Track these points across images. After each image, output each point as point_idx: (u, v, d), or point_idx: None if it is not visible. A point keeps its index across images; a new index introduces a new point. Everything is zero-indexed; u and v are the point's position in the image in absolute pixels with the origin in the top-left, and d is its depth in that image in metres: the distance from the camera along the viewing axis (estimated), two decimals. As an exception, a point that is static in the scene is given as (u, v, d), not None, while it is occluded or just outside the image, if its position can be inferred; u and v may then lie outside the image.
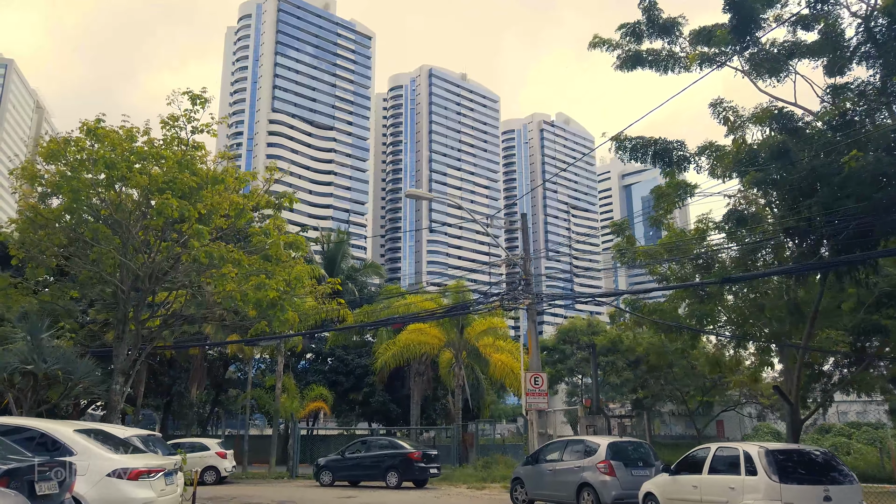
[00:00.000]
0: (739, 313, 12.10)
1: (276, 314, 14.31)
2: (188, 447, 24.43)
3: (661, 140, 12.31)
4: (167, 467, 8.57)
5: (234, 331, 28.49)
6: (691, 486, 10.37)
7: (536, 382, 18.86)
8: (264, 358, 44.59)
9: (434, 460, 21.52)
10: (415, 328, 29.36)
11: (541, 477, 14.62)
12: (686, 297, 14.63)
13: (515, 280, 19.29)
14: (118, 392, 15.25)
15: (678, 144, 12.48)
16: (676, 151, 12.33)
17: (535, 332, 19.24)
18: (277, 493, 19.30)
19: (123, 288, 15.42)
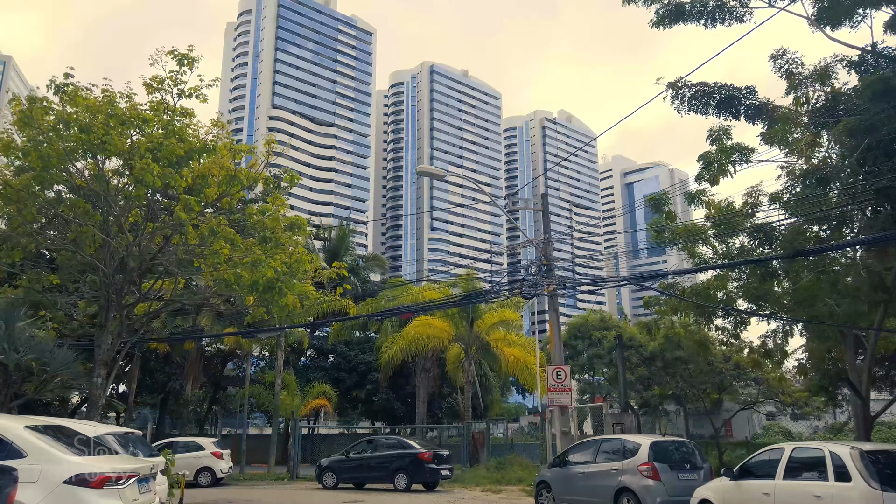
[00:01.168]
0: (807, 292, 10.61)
1: (275, 298, 12.79)
2: (181, 447, 22.91)
3: (726, 86, 10.79)
4: (141, 472, 7.03)
5: (230, 323, 26.98)
6: (761, 494, 8.82)
7: (559, 377, 17.32)
8: (264, 355, 43.11)
9: (446, 461, 19.99)
10: (422, 321, 27.84)
11: (570, 481, 13.09)
12: (737, 278, 13.09)
13: (534, 266, 17.75)
14: (100, 386, 13.71)
15: (748, 91, 10.94)
16: (746, 100, 10.80)
17: (558, 322, 17.70)
18: (277, 498, 17.76)
19: (106, 271, 13.88)
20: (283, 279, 12.68)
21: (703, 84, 10.93)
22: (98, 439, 8.28)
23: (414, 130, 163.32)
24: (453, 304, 18.70)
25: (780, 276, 11.82)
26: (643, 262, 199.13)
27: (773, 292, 11.80)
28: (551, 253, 17.75)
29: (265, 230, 13.97)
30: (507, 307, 27.29)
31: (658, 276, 13.42)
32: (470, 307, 27.21)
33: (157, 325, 25.68)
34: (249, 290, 13.04)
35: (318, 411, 37.37)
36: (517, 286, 17.03)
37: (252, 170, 14.56)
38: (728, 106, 10.86)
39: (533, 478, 21.05)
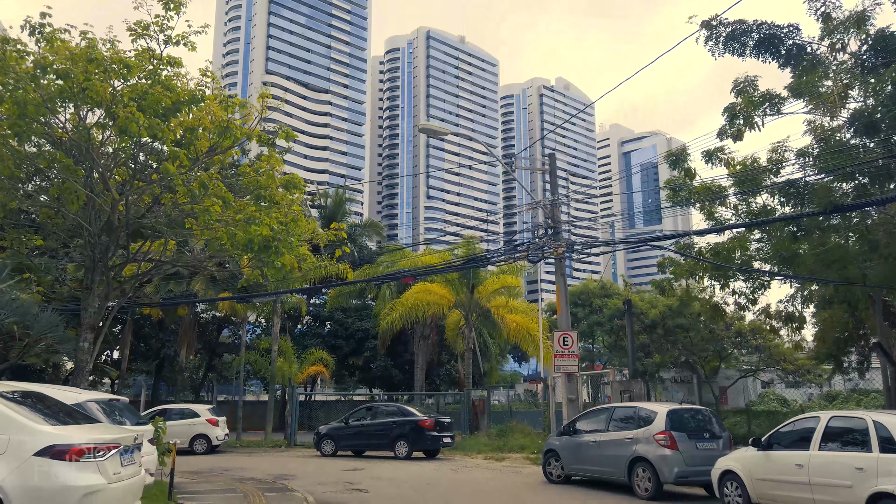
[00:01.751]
0: (839, 253, 9.94)
1: (271, 258, 12.03)
2: (176, 414, 22.39)
3: (766, 24, 9.91)
4: (124, 442, 6.35)
5: (225, 289, 26.28)
6: (794, 466, 8.23)
7: (566, 343, 16.73)
8: (260, 322, 42.55)
9: (447, 429, 19.50)
10: (421, 288, 27.20)
11: (580, 450, 12.54)
12: (761, 239, 12.40)
13: (540, 228, 17.02)
14: (87, 351, 13.01)
15: (791, 29, 10.08)
16: (788, 39, 9.96)
17: (565, 287, 17.03)
18: (275, 465, 17.26)
19: (91, 230, 13.07)
20: (279, 238, 11.91)
21: (740, 22, 10.05)
22: (79, 407, 7.61)
23: (410, 97, 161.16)
24: (456, 267, 17.98)
25: (813, 234, 11.10)
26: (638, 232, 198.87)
27: (803, 253, 11.10)
28: (559, 215, 17.01)
29: (259, 188, 13.15)
30: (507, 273, 26.64)
31: (678, 236, 12.69)
32: (470, 273, 26.56)
33: (150, 291, 24.96)
34: (244, 250, 12.27)
35: (316, 378, 36.96)
36: (523, 249, 16.31)
37: (246, 126, 13.68)
38: (768, 46, 10.02)
39: (535, 446, 20.64)
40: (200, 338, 40.33)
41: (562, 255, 15.13)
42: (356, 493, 11.97)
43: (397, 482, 13.75)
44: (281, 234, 12.02)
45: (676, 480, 10.75)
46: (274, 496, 10.90)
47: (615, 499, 11.23)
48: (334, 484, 13.34)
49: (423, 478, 14.54)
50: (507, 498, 11.69)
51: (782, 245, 11.53)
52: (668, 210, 13.33)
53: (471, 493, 12.09)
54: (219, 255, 15.97)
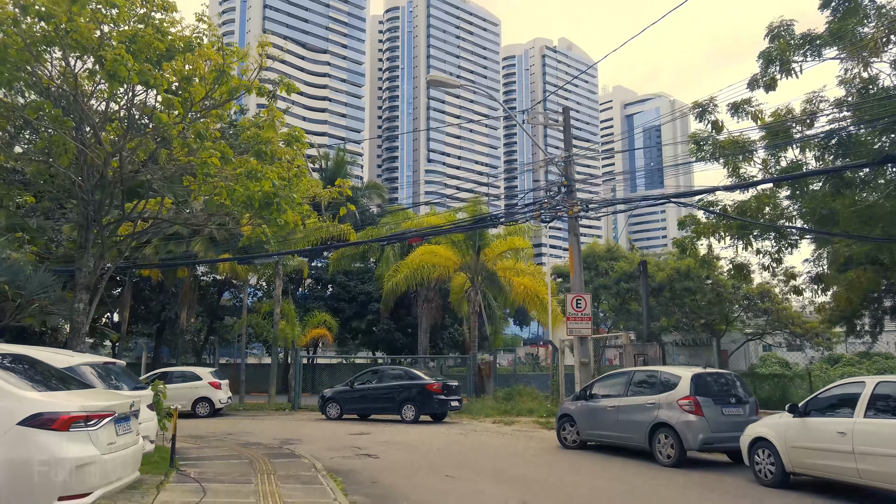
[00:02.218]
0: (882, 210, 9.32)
1: (273, 215, 11.37)
2: (178, 377, 22.01)
3: None
4: (119, 409, 5.79)
5: (225, 250, 25.69)
6: (836, 433, 7.73)
7: (579, 305, 16.19)
8: (261, 285, 42.11)
9: (455, 392, 19.12)
10: (426, 250, 26.60)
11: (598, 415, 12.08)
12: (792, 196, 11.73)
13: (553, 187, 16.32)
14: (82, 312, 12.44)
15: None
16: None
17: (578, 248, 16.42)
18: (280, 429, 16.89)
19: (83, 185, 12.38)
20: (281, 194, 11.23)
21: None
22: (71, 371, 7.05)
23: (410, 58, 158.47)
24: (464, 227, 17.30)
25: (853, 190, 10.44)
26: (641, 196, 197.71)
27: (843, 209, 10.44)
28: (573, 173, 16.30)
29: (259, 143, 12.41)
30: (515, 235, 26.01)
31: (704, 192, 12.01)
32: (476, 235, 25.93)
33: (149, 251, 24.36)
34: (244, 208, 11.60)
35: (318, 342, 36.67)
36: (535, 208, 15.64)
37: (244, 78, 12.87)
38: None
39: (544, 409, 20.30)
40: (201, 300, 39.90)
41: (577, 213, 14.46)
42: (365, 459, 11.55)
43: (406, 447, 13.35)
44: (283, 191, 11.34)
45: (701, 447, 10.30)
46: (280, 462, 10.45)
47: (635, 465, 10.80)
48: (342, 449, 12.93)
49: (432, 443, 14.15)
50: (521, 464, 11.27)
51: (821, 201, 10.85)
52: (682, 168, 12.67)
53: (484, 459, 11.67)
54: (218, 214, 15.33)
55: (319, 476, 9.30)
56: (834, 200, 10.55)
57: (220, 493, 7.84)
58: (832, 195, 10.56)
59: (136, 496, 7.26)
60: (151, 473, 8.70)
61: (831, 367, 34.10)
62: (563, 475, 10.13)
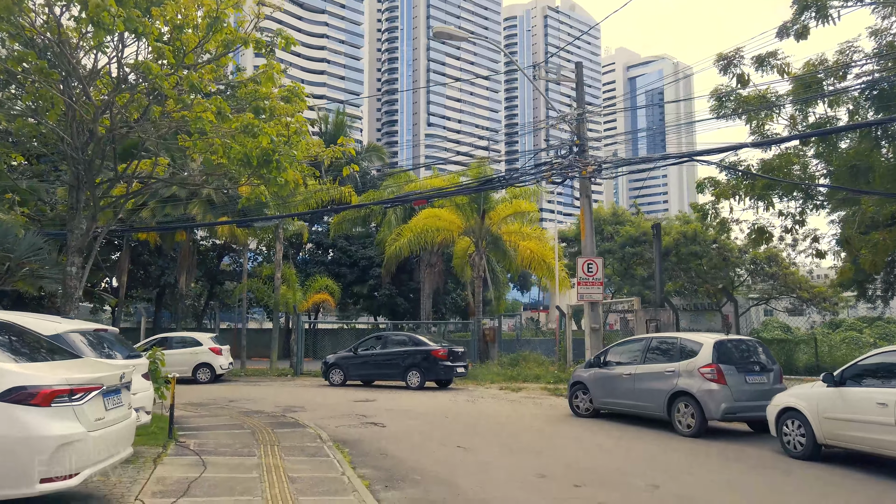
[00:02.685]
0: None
1: (273, 174, 10.75)
2: (178, 342, 21.63)
3: None
4: (108, 381, 5.28)
5: (223, 213, 25.07)
6: (875, 405, 7.26)
7: (590, 269, 15.68)
8: (261, 249, 41.58)
9: (460, 358, 18.73)
10: (429, 214, 25.99)
11: (613, 383, 11.65)
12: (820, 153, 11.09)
13: (563, 146, 15.64)
14: (75, 276, 11.90)
15: None
16: None
17: (590, 210, 15.82)
18: (282, 396, 16.53)
19: (72, 143, 11.72)
20: (280, 150, 10.59)
21: None
22: (57, 339, 6.52)
23: (409, 18, 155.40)
24: (471, 189, 16.65)
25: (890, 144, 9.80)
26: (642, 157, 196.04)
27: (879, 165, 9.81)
28: (585, 132, 15.61)
29: (257, 100, 11.70)
30: (520, 198, 25.37)
31: (729, 148, 11.36)
32: (481, 199, 25.31)
33: (146, 214, 23.74)
34: (242, 166, 10.96)
35: (319, 307, 36.31)
36: (546, 169, 14.97)
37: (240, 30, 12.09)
38: None
39: (550, 375, 19.96)
40: (201, 265, 39.41)
41: (592, 173, 13.82)
42: (372, 428, 11.15)
43: (413, 414, 12.97)
44: (281, 147, 10.68)
45: (723, 417, 9.87)
46: (284, 432, 10.04)
47: (653, 435, 10.40)
48: (346, 417, 12.55)
49: (439, 410, 13.77)
50: (533, 432, 10.88)
51: (854, 157, 10.20)
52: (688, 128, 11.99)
53: (494, 427, 11.28)
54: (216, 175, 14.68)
55: (325, 447, 8.89)
56: (870, 155, 9.90)
57: (221, 466, 7.41)
58: (869, 150, 9.92)
59: (130, 471, 6.82)
60: (149, 445, 8.28)
61: (832, 332, 33.89)
62: (579, 445, 9.73)
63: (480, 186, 15.05)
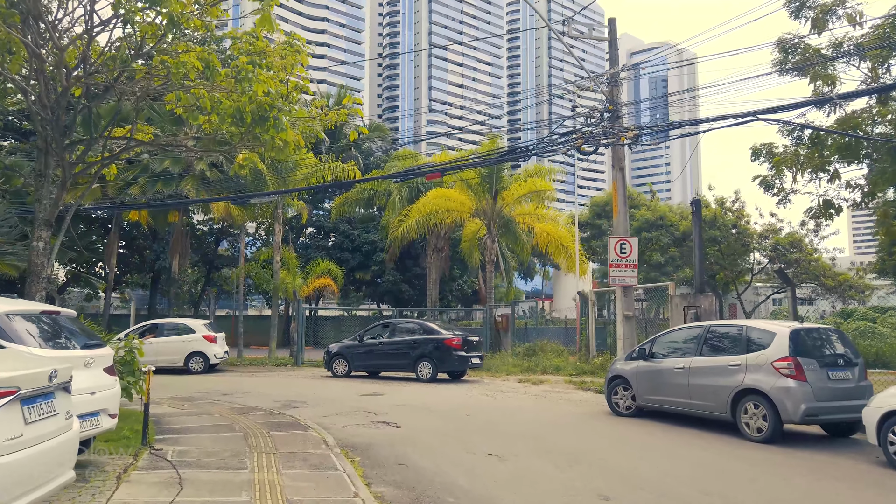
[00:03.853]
0: None
1: (270, 132, 9.15)
2: (169, 329, 20.12)
3: None
4: (27, 383, 3.72)
5: (219, 192, 23.48)
6: None
7: (623, 250, 14.12)
8: (259, 234, 40.02)
9: (475, 348, 17.20)
10: (438, 194, 24.39)
11: (661, 378, 10.11)
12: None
13: (593, 113, 14.02)
14: (42, 252, 10.34)
15: None
16: None
17: (623, 184, 14.23)
18: (281, 388, 15.02)
19: (41, 100, 10.11)
20: (278, 105, 9.00)
21: None
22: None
23: (411, 3, 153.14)
24: (492, 160, 14.97)
25: None
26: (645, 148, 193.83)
27: None
28: (619, 95, 13.99)
29: (253, 54, 10.08)
30: (535, 177, 23.74)
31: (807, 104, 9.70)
32: (493, 178, 23.67)
33: (135, 191, 22.13)
34: (234, 124, 9.36)
35: (320, 293, 34.78)
36: (576, 136, 13.34)
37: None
38: None
39: (572, 367, 18.44)
40: (198, 250, 37.86)
41: (633, 138, 12.19)
42: (384, 429, 9.63)
43: (429, 412, 11.46)
44: (280, 102, 9.06)
45: (804, 420, 8.34)
46: (283, 436, 8.51)
47: (715, 440, 8.86)
48: (354, 414, 11.03)
49: (457, 406, 12.26)
50: (571, 434, 9.37)
51: None
52: (794, 72, 10.40)
53: (525, 428, 9.76)
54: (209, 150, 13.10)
55: (332, 455, 7.36)
56: None
57: (203, 485, 5.87)
58: None
59: (84, 495, 5.28)
60: (117, 454, 6.76)
61: (843, 322, 32.39)
62: (633, 453, 8.19)
63: (503, 157, 13.41)
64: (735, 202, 33.67)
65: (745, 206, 33.92)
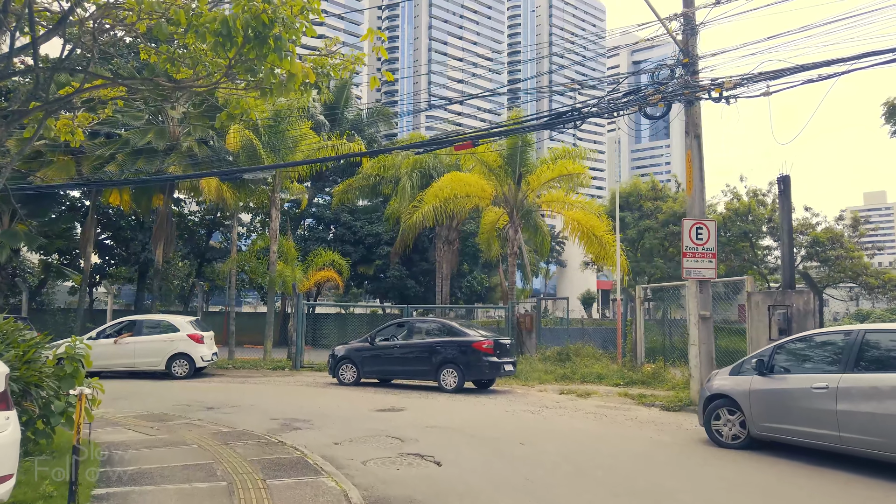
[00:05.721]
0: None
1: (270, 57, 6.52)
2: (150, 327, 17.46)
3: None
4: None
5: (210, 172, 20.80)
6: None
7: (700, 237, 11.56)
8: (254, 226, 37.43)
9: (507, 353, 14.62)
10: (455, 178, 21.86)
11: (792, 400, 7.55)
12: None
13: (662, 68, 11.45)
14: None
15: None
16: None
17: (699, 154, 11.66)
18: (279, 400, 12.43)
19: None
20: (282, 18, 6.42)
21: None
22: None
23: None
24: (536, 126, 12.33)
25: None
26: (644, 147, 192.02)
27: None
28: (696, 45, 11.44)
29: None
30: (565, 158, 21.13)
31: None
32: (517, 160, 21.12)
33: (113, 169, 19.45)
34: (220, 45, 6.77)
35: (320, 288, 32.13)
36: (652, 91, 10.75)
37: None
38: None
39: (617, 375, 15.87)
40: (188, 241, 35.19)
41: (731, 87, 9.59)
42: (421, 467, 7.06)
43: (471, 438, 8.87)
44: (285, 12, 6.45)
45: None
46: (285, 487, 5.91)
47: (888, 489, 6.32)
48: (373, 441, 8.45)
49: (502, 429, 9.68)
50: (685, 481, 6.81)
51: None
52: None
53: (609, 466, 7.20)
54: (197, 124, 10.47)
55: (361, 528, 4.77)
56: None
57: None
58: None
59: None
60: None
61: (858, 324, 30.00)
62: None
63: (551, 122, 10.82)
64: (768, 194, 31.30)
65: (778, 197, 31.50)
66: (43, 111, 8.35)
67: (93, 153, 19.22)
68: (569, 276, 73.18)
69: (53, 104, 8.47)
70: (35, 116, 8.81)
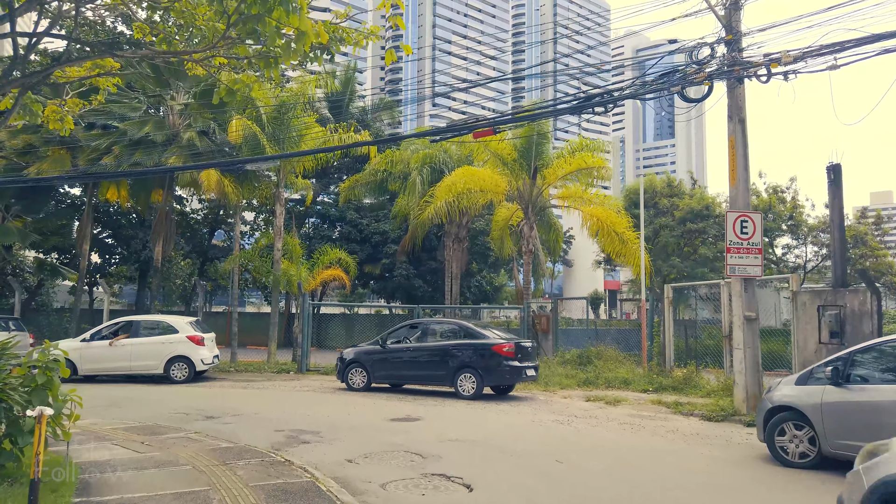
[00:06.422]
0: None
1: (276, 13, 5.53)
2: (147, 328, 16.52)
3: None
4: None
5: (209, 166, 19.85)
6: None
7: (745, 230, 10.57)
8: (257, 224, 36.56)
9: (529, 356, 13.63)
10: (466, 172, 20.87)
11: (876, 414, 6.56)
12: None
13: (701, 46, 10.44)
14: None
15: None
16: None
17: (744, 140, 10.66)
18: (285, 408, 11.46)
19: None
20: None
21: None
22: None
23: (416, 5, 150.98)
24: (567, 110, 11.33)
25: None
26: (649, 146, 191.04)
27: None
28: (739, 21, 10.45)
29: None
30: (584, 151, 20.12)
31: None
32: (532, 154, 20.12)
33: (109, 161, 18.49)
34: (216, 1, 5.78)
35: (325, 287, 31.17)
36: (694, 70, 9.74)
37: None
38: None
39: (644, 379, 14.86)
40: (190, 240, 34.30)
41: (790, 63, 8.58)
42: (449, 492, 6.09)
43: (500, 453, 7.89)
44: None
45: None
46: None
47: None
48: (391, 457, 7.49)
49: (532, 442, 8.70)
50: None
51: None
52: None
53: (665, 491, 6.21)
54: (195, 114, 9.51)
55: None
56: None
57: None
58: None
59: None
60: None
61: None
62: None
63: (584, 102, 9.81)
64: (788, 190, 30.30)
65: (798, 194, 30.56)
66: (20, 85, 7.39)
67: (88, 145, 18.30)
68: (575, 276, 72.02)
69: (32, 77, 7.50)
70: (13, 94, 7.88)
